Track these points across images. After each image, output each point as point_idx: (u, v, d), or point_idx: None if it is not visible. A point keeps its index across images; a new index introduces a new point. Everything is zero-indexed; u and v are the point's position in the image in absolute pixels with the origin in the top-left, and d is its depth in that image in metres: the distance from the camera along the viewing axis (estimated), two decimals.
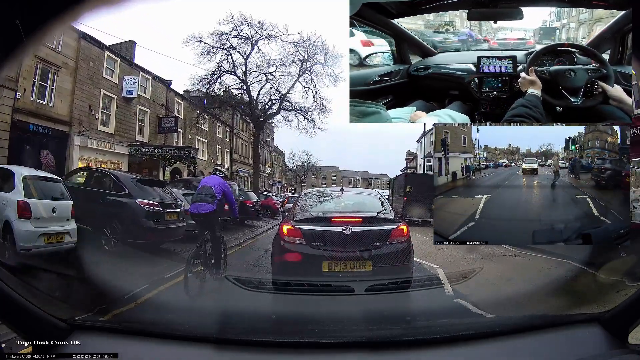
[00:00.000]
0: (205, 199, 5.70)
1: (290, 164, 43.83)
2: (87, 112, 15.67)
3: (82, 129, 15.25)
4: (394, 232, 4.81)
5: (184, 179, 15.36)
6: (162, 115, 20.40)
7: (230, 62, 21.25)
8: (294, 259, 4.63)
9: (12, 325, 1.69)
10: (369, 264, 4.50)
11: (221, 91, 21.74)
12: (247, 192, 16.96)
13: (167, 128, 20.32)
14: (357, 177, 57.96)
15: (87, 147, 15.51)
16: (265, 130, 35.17)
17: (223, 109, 23.67)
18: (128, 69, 18.27)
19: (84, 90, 15.52)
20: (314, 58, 21.55)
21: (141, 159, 18.12)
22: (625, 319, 1.89)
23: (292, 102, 22.60)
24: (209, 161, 24.54)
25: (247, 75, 21.46)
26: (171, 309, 4.76)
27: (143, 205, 7.86)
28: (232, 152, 28.36)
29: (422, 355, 1.93)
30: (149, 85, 19.65)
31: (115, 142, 17.23)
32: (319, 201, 5.79)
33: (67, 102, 14.74)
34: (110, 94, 17.11)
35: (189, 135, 22.68)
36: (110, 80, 17.17)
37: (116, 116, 17.39)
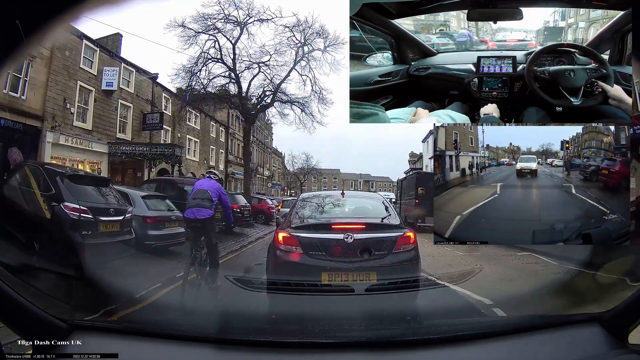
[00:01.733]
0: (203, 204, 5.46)
1: (290, 166, 42.94)
2: (61, 106, 14.08)
3: (54, 124, 13.65)
4: (400, 239, 4.41)
5: (156, 179, 13.94)
6: (147, 111, 18.64)
7: (216, 48, 18.72)
8: (290, 269, 4.24)
9: (12, 325, 1.69)
10: (374, 275, 4.11)
11: (207, 80, 19.14)
12: (233, 195, 14.61)
13: (151, 125, 18.46)
14: (358, 179, 57.72)
15: (60, 145, 13.89)
16: (263, 131, 34.35)
17: (210, 103, 21.23)
18: (109, 59, 16.42)
19: (59, 82, 13.90)
20: (312, 44, 19.19)
21: (122, 159, 16.47)
22: (625, 319, 1.89)
23: (288, 94, 20.22)
24: (201, 162, 23.01)
25: (236, 63, 18.98)
26: (171, 309, 4.76)
27: (68, 210, 5.82)
28: (227, 153, 26.71)
29: (422, 355, 1.93)
30: (132, 79, 17.87)
31: (93, 139, 15.51)
32: (318, 206, 5.34)
33: (40, 94, 13.25)
34: (88, 86, 15.39)
35: (178, 134, 20.97)
36: (89, 71, 15.46)
37: (94, 111, 15.72)
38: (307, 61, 19.34)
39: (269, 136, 37.21)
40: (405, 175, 20.78)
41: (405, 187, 17.69)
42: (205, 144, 24.11)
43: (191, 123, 22.11)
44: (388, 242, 4.37)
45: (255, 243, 11.19)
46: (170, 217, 8.37)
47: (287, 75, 19.55)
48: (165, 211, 8.53)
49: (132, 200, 7.73)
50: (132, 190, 8.76)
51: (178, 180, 12.53)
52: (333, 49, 19.02)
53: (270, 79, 19.47)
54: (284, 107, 20.40)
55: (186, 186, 10.79)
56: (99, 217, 6.17)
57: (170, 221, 8.29)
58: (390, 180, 55.62)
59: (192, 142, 22.44)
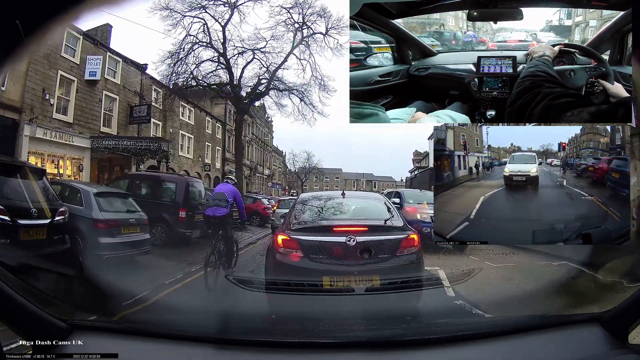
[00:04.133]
0: (220, 204, 6.44)
1: (291, 165, 42.19)
2: (40, 97, 12.94)
3: (32, 116, 12.63)
4: (404, 241, 4.28)
5: (131, 174, 12.15)
6: (135, 104, 17.00)
7: (205, 32, 16.72)
8: (290, 273, 4.12)
9: (12, 325, 1.69)
10: (377, 279, 3.98)
11: (193, 65, 17.24)
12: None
13: (138, 118, 16.74)
14: (360, 179, 57.34)
15: (38, 139, 12.82)
16: (263, 129, 34.00)
17: (201, 94, 19.23)
18: (93, 48, 15.09)
19: (38, 71, 12.84)
20: (312, 27, 17.22)
21: (107, 154, 15.10)
22: (625, 319, 1.89)
23: (286, 82, 18.14)
24: (195, 159, 21.40)
25: (226, 47, 16.97)
26: (171, 309, 4.76)
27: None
28: (225, 151, 24.70)
29: (422, 355, 1.93)
30: (118, 69, 16.42)
31: (74, 133, 14.16)
32: (319, 207, 5.20)
33: (20, 84, 12.23)
34: (70, 75, 14.14)
35: (170, 129, 19.19)
36: (71, 60, 14.21)
37: (76, 102, 14.38)
38: (306, 45, 17.50)
39: (269, 134, 36.85)
40: (415, 173, 19.72)
41: (416, 185, 16.73)
42: (200, 141, 22.50)
43: (185, 118, 20.60)
44: (391, 245, 4.24)
45: (247, 249, 9.81)
46: (128, 220, 6.85)
47: (285, 61, 17.65)
48: (123, 213, 6.98)
49: (82, 198, 6.45)
50: (84, 186, 7.25)
51: (163, 177, 11.20)
52: (336, 31, 17.12)
53: (266, 67, 17.67)
54: (282, 97, 18.60)
55: (169, 183, 10.14)
56: (17, 221, 4.64)
57: (129, 226, 6.76)
58: (393, 180, 55.42)
59: (185, 138, 20.86)
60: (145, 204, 8.22)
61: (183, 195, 9.59)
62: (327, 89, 18.03)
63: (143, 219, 7.16)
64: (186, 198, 9.61)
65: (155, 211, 8.66)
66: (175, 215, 9.23)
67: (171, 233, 9.16)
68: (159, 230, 9.03)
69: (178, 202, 9.47)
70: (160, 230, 9.08)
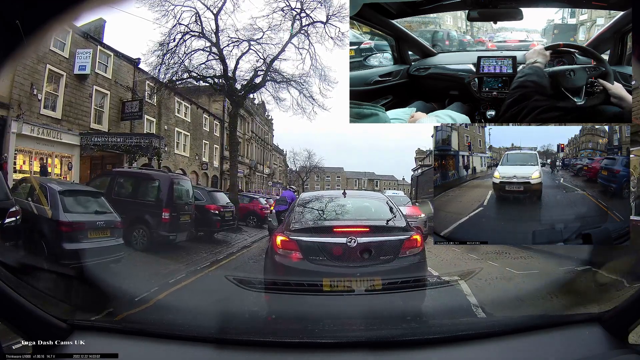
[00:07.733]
0: (283, 203, 10.41)
1: (292, 164, 41.92)
2: (28, 92, 12.42)
3: (20, 112, 12.12)
4: (407, 242, 4.16)
5: (113, 171, 10.58)
6: (127, 99, 16.42)
7: (196, 21, 15.69)
8: (290, 274, 4.03)
9: (12, 325, 1.69)
10: (378, 281, 3.86)
11: (184, 54, 15.86)
12: (212, 193, 11.62)
13: (130, 114, 16.13)
14: (362, 178, 57.12)
15: (25, 136, 12.37)
16: (263, 127, 33.78)
17: (193, 87, 17.96)
18: (83, 42, 14.53)
19: (26, 65, 12.31)
20: (311, 15, 16.03)
21: (97, 151, 14.46)
22: (625, 319, 1.89)
23: (284, 74, 16.96)
24: (192, 158, 20.94)
25: (219, 36, 15.88)
26: (171, 309, 4.76)
27: None
28: (223, 149, 24.25)
29: (422, 355, 1.94)
30: (110, 63, 15.85)
31: (63, 129, 13.65)
32: (319, 207, 5.04)
33: (9, 79, 11.61)
34: (58, 70, 13.57)
35: (165, 126, 18.46)
36: (60, 54, 13.67)
37: (65, 98, 13.81)
38: (306, 35, 16.35)
39: (270, 132, 36.49)
40: (421, 170, 19.01)
41: (422, 182, 16.04)
42: (197, 138, 21.87)
43: (180, 115, 19.80)
44: (394, 246, 4.13)
45: (238, 254, 9.10)
46: (96, 222, 5.99)
47: (282, 51, 16.43)
48: (92, 214, 6.11)
49: (48, 197, 5.73)
50: (51, 183, 6.36)
51: (145, 174, 10.07)
52: (337, 19, 15.93)
53: (264, 59, 16.52)
54: (280, 89, 17.20)
55: (151, 180, 9.19)
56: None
57: (97, 229, 5.96)
58: (395, 179, 55.41)
59: (181, 135, 20.10)
60: (126, 204, 7.77)
61: (167, 194, 8.62)
62: (328, 80, 16.86)
63: (115, 222, 6.29)
64: (170, 197, 8.66)
65: (136, 211, 8.09)
66: (157, 216, 8.32)
67: (152, 236, 8.21)
68: (140, 234, 8.23)
69: (161, 202, 8.57)
70: (141, 233, 8.25)
